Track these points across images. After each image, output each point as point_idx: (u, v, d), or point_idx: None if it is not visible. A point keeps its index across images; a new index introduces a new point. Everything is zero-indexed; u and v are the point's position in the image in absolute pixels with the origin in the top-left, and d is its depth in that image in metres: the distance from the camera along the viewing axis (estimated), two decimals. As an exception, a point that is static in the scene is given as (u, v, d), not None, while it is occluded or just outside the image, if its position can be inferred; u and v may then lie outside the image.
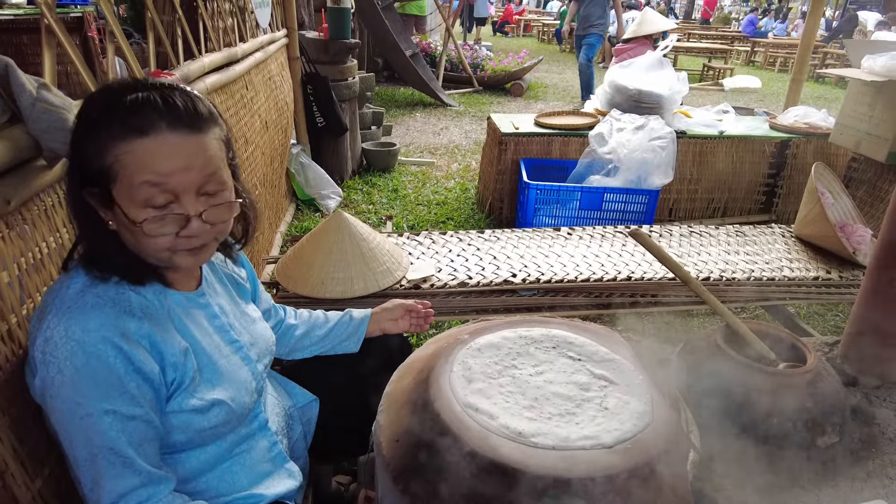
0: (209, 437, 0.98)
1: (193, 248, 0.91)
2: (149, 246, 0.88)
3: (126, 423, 0.83)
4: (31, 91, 0.94)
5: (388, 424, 1.11)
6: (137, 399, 0.84)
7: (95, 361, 0.81)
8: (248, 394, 1.04)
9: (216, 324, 1.04)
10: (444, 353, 1.22)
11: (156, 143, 0.83)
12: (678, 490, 0.96)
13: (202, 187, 0.88)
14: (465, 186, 4.59)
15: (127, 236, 0.89)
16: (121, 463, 0.83)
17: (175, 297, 0.98)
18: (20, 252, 0.98)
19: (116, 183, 0.84)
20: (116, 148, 0.82)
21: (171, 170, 0.84)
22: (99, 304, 0.85)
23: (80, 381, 0.81)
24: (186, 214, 0.87)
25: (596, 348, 1.24)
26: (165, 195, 0.85)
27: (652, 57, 3.77)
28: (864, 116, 3.15)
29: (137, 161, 0.82)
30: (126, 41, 1.46)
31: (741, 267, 2.26)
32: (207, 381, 0.97)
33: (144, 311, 0.90)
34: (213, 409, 0.96)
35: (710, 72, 11.43)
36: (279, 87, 3.41)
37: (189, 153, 0.86)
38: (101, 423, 0.81)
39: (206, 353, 0.99)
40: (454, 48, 8.73)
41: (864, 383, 1.32)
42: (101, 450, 0.82)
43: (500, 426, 1.01)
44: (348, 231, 1.99)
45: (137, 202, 0.84)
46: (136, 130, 0.82)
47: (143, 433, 0.86)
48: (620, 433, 1.00)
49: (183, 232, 0.88)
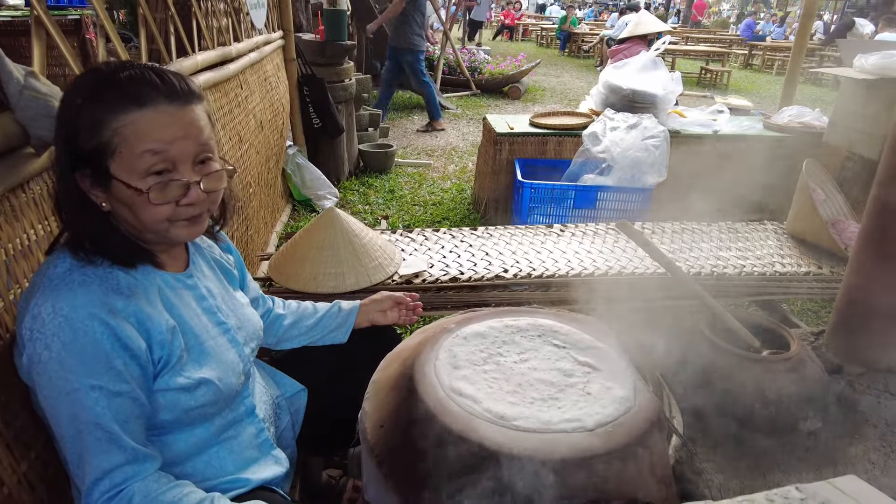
0: (196, 417, 0.99)
1: (191, 217, 0.94)
2: (150, 216, 0.90)
3: (112, 399, 0.84)
4: (18, 79, 0.95)
5: (373, 410, 1.12)
6: (124, 375, 0.85)
7: (83, 337, 0.82)
8: (235, 375, 1.05)
9: (204, 305, 1.05)
10: (430, 341, 1.23)
11: (155, 114, 0.86)
12: (659, 473, 0.97)
13: (197, 156, 0.92)
14: (461, 187, 4.60)
15: (124, 213, 0.90)
16: (106, 439, 0.83)
17: (164, 276, 0.99)
18: (8, 238, 0.99)
19: (115, 157, 0.86)
20: (116, 121, 0.85)
21: (171, 137, 0.88)
22: (86, 281, 0.86)
23: (67, 356, 0.82)
24: (187, 182, 0.90)
25: (581, 336, 1.25)
26: (165, 163, 0.88)
27: (646, 57, 3.79)
28: (857, 115, 3.17)
29: (138, 131, 0.85)
30: (117, 36, 1.48)
31: (733, 262, 2.27)
32: (195, 360, 0.98)
33: (132, 290, 0.91)
34: (201, 387, 0.97)
35: (708, 75, 11.47)
36: (275, 87, 3.43)
37: (185, 123, 0.90)
38: (88, 398, 0.82)
39: (194, 332, 1.00)
40: (452, 52, 8.77)
41: (849, 371, 1.32)
42: (87, 425, 0.82)
43: (483, 410, 1.02)
44: (341, 227, 2.00)
45: (139, 172, 0.86)
46: (135, 102, 0.85)
47: (130, 410, 0.86)
48: (602, 417, 1.00)
49: (183, 200, 0.91)
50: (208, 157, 0.94)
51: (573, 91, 9.70)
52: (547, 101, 8.70)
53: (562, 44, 15.89)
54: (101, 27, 1.38)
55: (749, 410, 1.15)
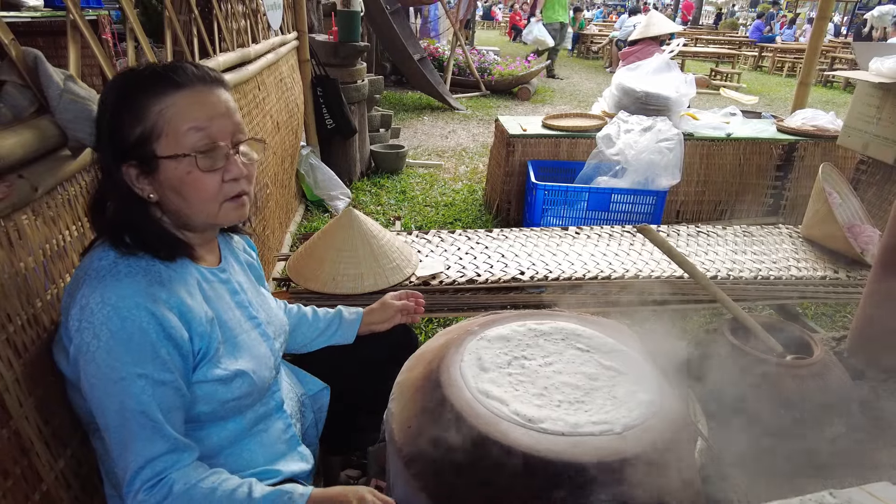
0: (231, 410, 1.01)
1: (237, 194, 0.97)
2: (199, 195, 0.93)
3: (157, 388, 0.86)
4: (58, 82, 0.97)
5: (400, 411, 1.13)
6: (168, 365, 0.88)
7: (130, 325, 0.85)
8: (267, 368, 1.08)
9: (237, 299, 1.08)
10: (454, 343, 1.24)
11: (194, 94, 0.92)
12: (685, 476, 0.98)
13: (234, 135, 0.97)
14: (472, 188, 4.61)
15: (172, 199, 0.94)
16: (151, 427, 0.85)
17: (200, 270, 1.02)
18: (45, 239, 1.01)
19: (161, 139, 0.90)
20: (159, 103, 0.90)
21: (211, 115, 0.93)
22: (132, 272, 0.89)
23: (115, 345, 0.84)
24: (227, 150, 0.95)
25: (604, 340, 1.26)
26: (208, 140, 0.93)
27: (659, 59, 3.79)
28: (871, 119, 3.15)
29: (180, 111, 0.91)
30: (146, 40, 1.50)
31: (748, 266, 2.27)
32: (230, 353, 1.00)
33: (173, 281, 0.94)
34: (237, 379, 0.99)
35: (718, 76, 11.43)
36: (290, 88, 3.45)
37: (221, 102, 0.96)
38: (134, 386, 0.84)
39: (228, 325, 1.02)
40: (462, 52, 8.78)
41: (871, 376, 1.32)
42: (133, 413, 0.85)
43: (510, 412, 1.03)
44: (359, 228, 2.02)
45: (185, 148, 0.91)
46: (174, 85, 0.91)
47: (172, 400, 0.89)
48: (629, 420, 1.01)
49: (227, 175, 0.95)
50: (242, 137, 0.99)
51: (582, 92, 9.69)
52: (556, 103, 8.70)
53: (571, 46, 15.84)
54: (130, 30, 1.40)
55: (773, 415, 1.15)
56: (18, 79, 0.97)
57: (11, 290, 0.91)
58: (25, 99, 0.98)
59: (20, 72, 0.97)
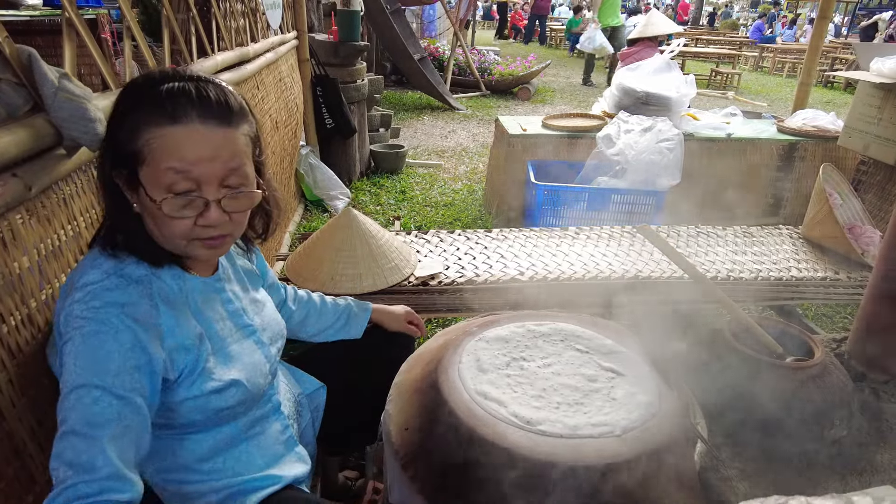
0: (225, 417, 1.00)
1: (211, 238, 0.92)
2: (168, 231, 0.89)
3: (112, 403, 0.79)
4: (53, 80, 0.96)
5: (397, 413, 1.13)
6: (132, 381, 0.82)
7: (106, 332, 0.82)
8: (262, 376, 1.07)
9: (230, 308, 1.06)
10: (452, 344, 1.23)
11: (185, 132, 0.85)
12: (685, 479, 0.97)
13: (225, 179, 0.90)
14: (472, 188, 4.60)
15: (148, 221, 0.91)
16: (92, 440, 0.76)
17: (193, 281, 1.00)
18: (40, 238, 1.00)
19: (144, 166, 0.86)
20: (148, 132, 0.85)
21: (196, 158, 0.86)
22: (122, 284, 0.87)
23: (85, 350, 0.80)
24: (206, 199, 0.89)
25: (603, 341, 1.25)
26: (188, 183, 0.86)
27: (660, 59, 3.78)
28: (872, 119, 3.14)
29: (165, 147, 0.85)
30: (144, 40, 1.49)
31: (749, 267, 2.26)
32: (222, 362, 0.99)
33: (163, 297, 0.92)
34: (230, 388, 0.98)
35: (718, 77, 11.43)
36: (289, 88, 3.44)
37: (216, 145, 0.88)
38: (89, 396, 0.78)
39: (220, 337, 1.01)
40: (462, 52, 8.77)
41: (872, 378, 1.32)
42: (80, 423, 0.77)
43: (509, 414, 1.02)
44: (358, 228, 2.01)
45: (161, 186, 0.86)
46: (167, 117, 0.85)
47: (127, 419, 0.80)
48: (628, 422, 1.00)
49: (201, 220, 0.90)
50: (239, 183, 0.92)
51: (583, 93, 9.68)
52: (556, 103, 8.69)
53: (571, 46, 15.81)
54: (127, 28, 1.39)
55: (774, 417, 1.15)
56: (13, 77, 0.96)
57: (5, 291, 0.90)
58: (20, 97, 0.97)
59: (14, 70, 0.96)
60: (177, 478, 1.01)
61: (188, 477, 1.01)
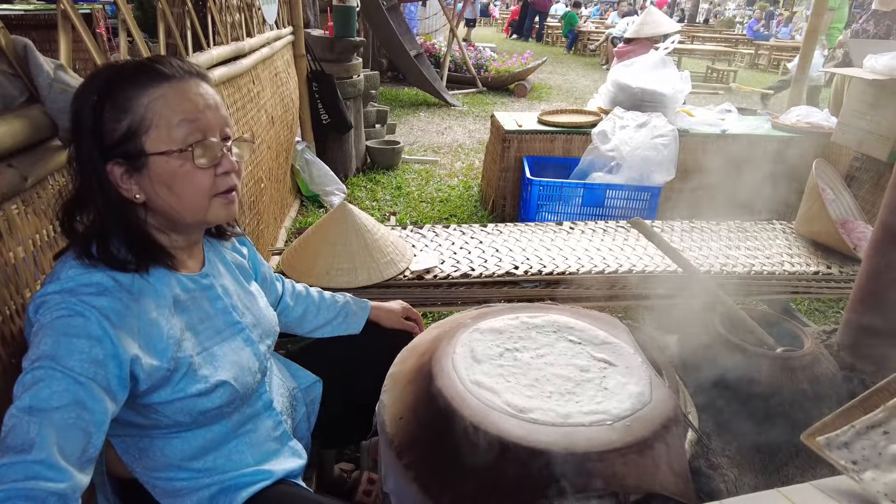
0: (213, 417, 1.00)
1: (228, 189, 0.96)
2: (192, 190, 0.91)
3: (69, 386, 0.77)
4: (48, 72, 0.97)
5: (392, 403, 1.14)
6: (94, 371, 0.80)
7: (77, 321, 0.81)
8: (251, 374, 1.05)
9: (218, 305, 1.05)
10: (447, 335, 1.24)
11: (182, 85, 0.90)
12: (675, 467, 0.98)
13: (223, 129, 0.95)
14: (468, 185, 4.61)
15: (162, 195, 0.90)
16: (32, 419, 0.73)
17: (179, 279, 0.99)
18: (35, 229, 1.00)
19: (151, 132, 0.87)
20: (146, 96, 0.87)
21: (203, 106, 0.91)
22: (100, 286, 0.85)
23: (53, 333, 0.79)
24: (222, 143, 0.93)
25: (596, 333, 1.26)
26: (198, 133, 0.90)
27: (655, 56, 3.79)
28: (865, 116, 3.17)
29: (169, 103, 0.88)
30: (140, 34, 1.49)
31: (742, 261, 2.28)
32: (208, 362, 0.98)
33: (143, 293, 0.91)
34: (217, 390, 0.97)
35: (714, 74, 11.45)
36: (285, 83, 3.44)
37: (208, 94, 0.94)
38: (49, 375, 0.76)
39: (205, 335, 1.00)
40: (458, 49, 8.77)
41: (861, 369, 1.33)
42: (32, 398, 0.75)
43: (502, 403, 1.03)
44: (353, 222, 2.02)
45: (178, 141, 0.89)
46: (162, 76, 0.89)
47: (79, 406, 0.77)
48: (619, 411, 1.02)
49: (219, 168, 0.93)
50: (230, 133, 0.98)
51: (579, 89, 9.69)
52: (553, 99, 8.70)
53: (569, 44, 15.81)
54: (122, 21, 1.39)
55: (763, 407, 1.16)
56: (8, 68, 0.97)
57: (1, 281, 0.91)
58: (15, 88, 0.98)
59: (10, 60, 0.97)
60: (166, 476, 1.00)
61: (178, 475, 1.01)
